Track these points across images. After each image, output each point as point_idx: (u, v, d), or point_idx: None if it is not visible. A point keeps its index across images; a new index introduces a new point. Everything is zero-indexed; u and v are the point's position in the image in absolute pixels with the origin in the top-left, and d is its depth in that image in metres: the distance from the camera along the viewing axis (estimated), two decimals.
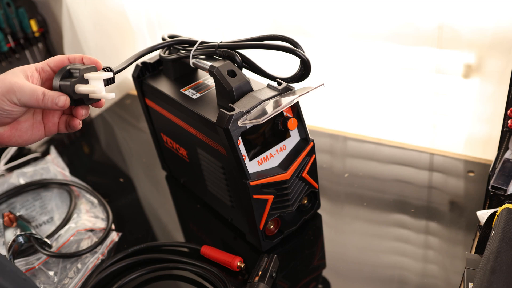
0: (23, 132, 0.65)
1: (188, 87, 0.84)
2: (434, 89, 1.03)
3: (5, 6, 1.29)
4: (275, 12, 1.12)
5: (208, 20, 1.25)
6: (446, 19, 0.92)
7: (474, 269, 0.67)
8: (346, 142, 1.11)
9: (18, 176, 1.05)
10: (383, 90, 1.10)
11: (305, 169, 0.79)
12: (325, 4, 1.04)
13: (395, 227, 0.86)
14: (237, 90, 0.72)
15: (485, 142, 1.01)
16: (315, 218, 0.89)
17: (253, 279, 0.74)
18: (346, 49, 1.08)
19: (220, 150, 0.74)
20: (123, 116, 1.34)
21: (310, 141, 0.79)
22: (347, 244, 0.85)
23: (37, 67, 0.65)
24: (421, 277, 0.76)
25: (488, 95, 0.96)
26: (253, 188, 0.73)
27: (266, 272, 0.75)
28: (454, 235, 0.83)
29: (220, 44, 0.78)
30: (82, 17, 1.33)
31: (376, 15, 0.99)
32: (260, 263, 0.77)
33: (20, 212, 0.98)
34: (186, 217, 0.96)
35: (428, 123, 1.08)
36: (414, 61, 1.02)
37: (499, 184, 0.77)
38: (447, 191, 0.92)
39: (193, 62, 0.79)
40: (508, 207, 0.67)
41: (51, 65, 0.66)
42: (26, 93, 0.60)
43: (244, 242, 0.85)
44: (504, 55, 0.90)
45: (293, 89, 0.75)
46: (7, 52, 1.33)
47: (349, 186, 0.97)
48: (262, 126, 0.74)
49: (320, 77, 1.11)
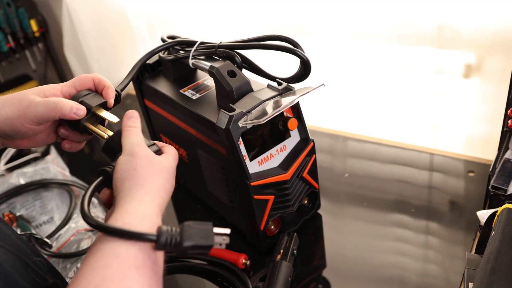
0: (39, 142, 0.65)
1: (188, 87, 0.84)
2: (434, 89, 1.03)
3: (5, 6, 1.29)
4: (275, 12, 1.12)
5: (208, 20, 1.25)
6: (446, 19, 0.92)
7: (474, 269, 0.67)
8: (346, 142, 1.11)
9: (18, 176, 1.05)
10: (383, 90, 1.10)
11: (306, 169, 0.79)
12: (325, 4, 1.04)
13: (395, 227, 0.86)
14: (237, 90, 0.72)
15: (485, 142, 1.01)
16: (315, 218, 0.89)
17: (275, 257, 0.76)
18: (346, 49, 1.08)
19: (221, 151, 0.74)
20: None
21: (310, 141, 0.79)
22: (347, 244, 0.85)
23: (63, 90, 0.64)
24: (421, 277, 0.76)
25: (488, 95, 0.96)
26: (254, 188, 0.73)
27: (287, 250, 0.77)
28: (454, 235, 0.83)
29: (220, 44, 0.77)
30: (82, 17, 1.33)
31: (376, 15, 0.99)
32: (281, 242, 0.79)
33: (20, 212, 0.97)
34: (185, 217, 0.96)
35: (428, 123, 1.08)
36: (414, 61, 1.02)
37: (499, 184, 0.77)
38: (447, 191, 0.92)
39: (192, 62, 0.79)
40: (508, 207, 0.68)
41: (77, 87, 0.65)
42: (40, 106, 0.60)
43: (244, 242, 0.85)
44: (504, 55, 0.90)
45: (293, 89, 0.75)
46: (7, 52, 1.33)
47: (349, 186, 0.97)
48: (263, 126, 0.74)
49: (320, 77, 1.11)
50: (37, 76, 1.58)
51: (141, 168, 0.53)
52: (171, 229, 0.47)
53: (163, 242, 0.46)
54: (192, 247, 0.47)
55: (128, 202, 0.50)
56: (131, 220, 0.47)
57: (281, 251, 0.77)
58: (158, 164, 0.55)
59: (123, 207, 0.49)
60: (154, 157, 0.56)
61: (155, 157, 0.56)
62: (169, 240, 0.46)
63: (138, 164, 0.53)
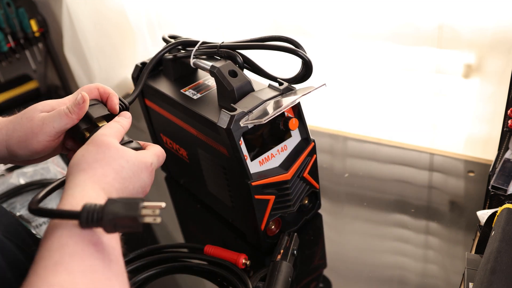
0: (47, 155, 0.65)
1: (189, 87, 0.84)
2: (434, 89, 1.03)
3: (5, 6, 1.29)
4: (275, 12, 1.12)
5: (208, 20, 1.25)
6: (446, 19, 0.92)
7: (474, 269, 0.67)
8: (346, 142, 1.12)
9: (18, 176, 1.05)
10: (383, 90, 1.11)
11: (306, 169, 0.79)
12: (325, 4, 1.04)
13: (395, 227, 0.86)
14: (239, 90, 0.72)
15: (485, 142, 1.01)
16: (316, 218, 0.89)
17: (275, 257, 0.76)
18: (346, 49, 1.09)
19: (221, 151, 0.74)
20: None
21: (311, 141, 0.79)
22: (347, 244, 0.85)
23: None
24: (421, 277, 0.76)
25: (488, 95, 0.96)
26: (255, 188, 0.73)
27: (287, 250, 0.77)
28: (454, 235, 0.83)
29: (222, 44, 0.78)
30: (82, 17, 1.33)
31: (376, 15, 1.00)
32: (281, 242, 0.79)
33: (20, 212, 0.97)
34: (186, 218, 0.96)
35: (428, 123, 1.08)
36: (414, 61, 1.02)
37: (499, 184, 0.77)
38: (447, 191, 0.92)
39: (193, 62, 0.79)
40: (508, 207, 0.68)
41: None
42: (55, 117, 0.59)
43: (244, 242, 0.85)
44: (504, 55, 0.90)
45: (294, 89, 0.75)
46: (7, 52, 1.33)
47: (349, 186, 0.97)
48: (263, 126, 0.74)
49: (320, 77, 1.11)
50: (37, 76, 1.58)
51: (89, 154, 0.53)
52: (94, 204, 0.46)
53: (85, 217, 0.45)
54: (115, 220, 0.45)
55: (72, 187, 0.50)
56: (78, 202, 0.47)
57: (281, 251, 0.77)
58: (114, 152, 0.54)
59: (68, 192, 0.49)
60: (112, 145, 0.55)
61: (113, 146, 0.55)
62: (90, 216, 0.45)
63: (87, 150, 0.54)
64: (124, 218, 0.46)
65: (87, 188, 0.50)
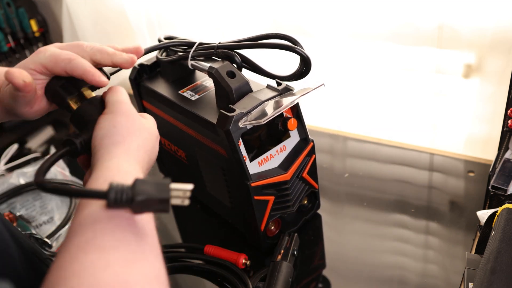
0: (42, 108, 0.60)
1: (187, 88, 0.84)
2: (434, 89, 1.03)
3: (5, 6, 1.29)
4: (275, 12, 1.12)
5: (208, 20, 1.24)
6: (446, 19, 0.92)
7: (474, 269, 0.67)
8: (346, 142, 1.11)
9: (18, 176, 1.05)
10: (383, 90, 1.10)
11: (305, 170, 0.79)
12: (325, 4, 1.04)
13: (395, 227, 0.86)
14: (237, 91, 0.72)
15: (485, 142, 1.01)
16: (315, 218, 0.89)
17: (275, 258, 0.76)
18: (346, 49, 1.08)
19: (220, 152, 0.74)
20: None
21: (310, 141, 0.79)
22: (347, 244, 0.85)
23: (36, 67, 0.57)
24: (421, 277, 0.76)
25: (488, 95, 0.96)
26: (254, 189, 0.73)
27: (288, 250, 0.77)
28: (454, 235, 0.83)
29: (219, 44, 0.77)
30: (82, 17, 1.33)
31: (376, 15, 0.99)
32: (281, 242, 0.79)
33: (20, 212, 0.98)
34: (185, 218, 0.96)
35: (428, 123, 1.08)
36: (414, 61, 1.02)
37: (499, 184, 0.77)
38: (447, 191, 0.92)
39: (191, 63, 0.79)
40: (508, 207, 0.68)
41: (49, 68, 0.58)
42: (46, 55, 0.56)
43: (244, 242, 0.85)
44: (504, 55, 0.90)
45: (293, 89, 0.75)
46: (7, 52, 1.33)
47: (349, 186, 0.97)
48: (262, 127, 0.74)
49: (320, 77, 1.11)
50: None
51: (121, 126, 0.52)
52: (122, 184, 0.43)
53: (113, 197, 0.42)
54: (146, 201, 0.43)
55: (107, 160, 0.48)
56: (114, 175, 0.46)
57: (281, 251, 0.77)
58: (138, 123, 0.54)
59: (103, 165, 0.48)
60: (136, 115, 0.55)
61: (137, 116, 0.55)
62: (119, 196, 0.42)
63: (118, 121, 0.52)
64: (155, 200, 0.44)
65: (122, 160, 0.49)
